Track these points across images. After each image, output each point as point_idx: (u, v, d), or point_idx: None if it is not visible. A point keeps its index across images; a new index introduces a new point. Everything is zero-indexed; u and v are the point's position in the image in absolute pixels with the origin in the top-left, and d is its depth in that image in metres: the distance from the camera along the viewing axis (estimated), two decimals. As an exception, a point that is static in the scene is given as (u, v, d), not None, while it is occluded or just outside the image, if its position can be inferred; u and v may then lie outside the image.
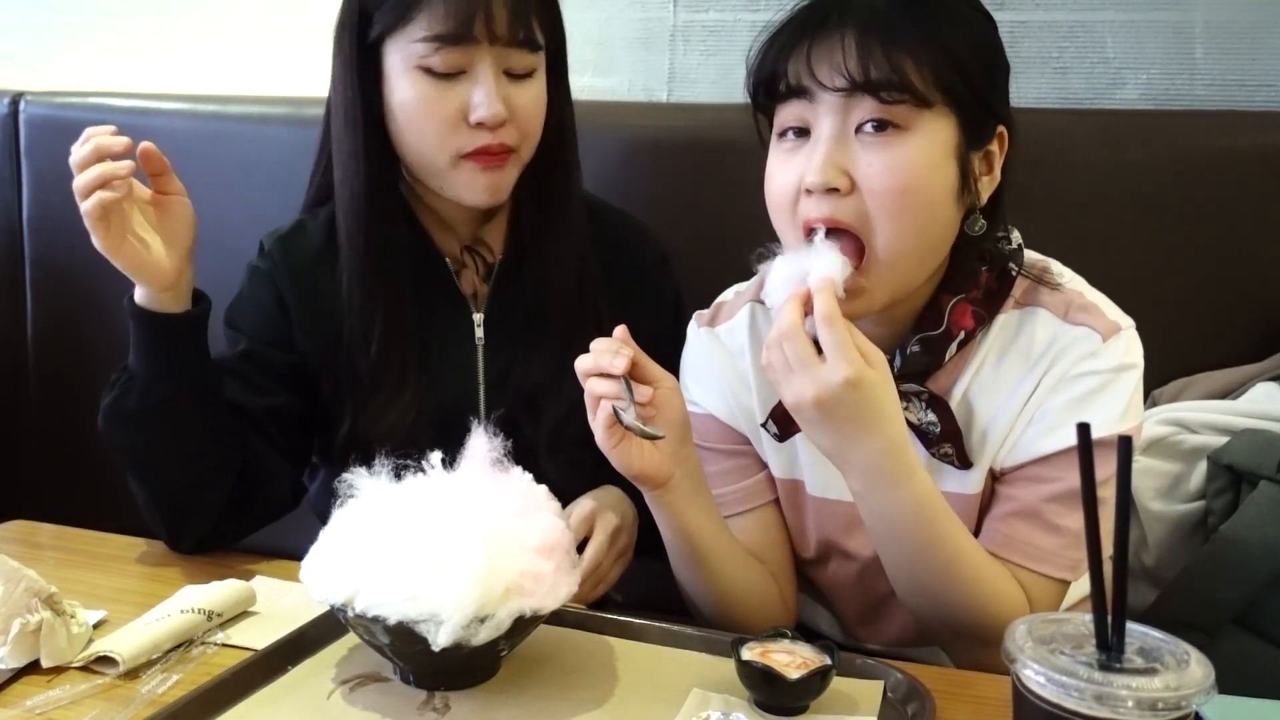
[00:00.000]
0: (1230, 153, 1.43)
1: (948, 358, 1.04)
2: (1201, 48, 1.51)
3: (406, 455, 0.94)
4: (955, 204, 0.99)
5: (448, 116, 1.14)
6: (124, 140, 1.07)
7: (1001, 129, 1.02)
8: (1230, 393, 1.37)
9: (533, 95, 1.17)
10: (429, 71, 1.13)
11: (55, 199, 1.85)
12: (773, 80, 1.00)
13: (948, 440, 1.03)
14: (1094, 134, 1.48)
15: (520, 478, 0.95)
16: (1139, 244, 1.43)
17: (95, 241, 1.07)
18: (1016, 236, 1.08)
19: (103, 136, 1.06)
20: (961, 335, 1.03)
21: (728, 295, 1.22)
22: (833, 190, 0.96)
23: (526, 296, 1.25)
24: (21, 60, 2.08)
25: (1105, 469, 0.97)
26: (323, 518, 1.30)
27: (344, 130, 1.19)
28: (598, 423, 0.99)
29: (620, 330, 1.00)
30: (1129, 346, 1.02)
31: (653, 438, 0.98)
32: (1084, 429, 0.70)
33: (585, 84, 1.74)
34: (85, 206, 1.05)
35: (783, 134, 1.01)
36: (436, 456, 0.94)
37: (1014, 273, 1.05)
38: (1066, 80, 1.55)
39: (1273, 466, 1.22)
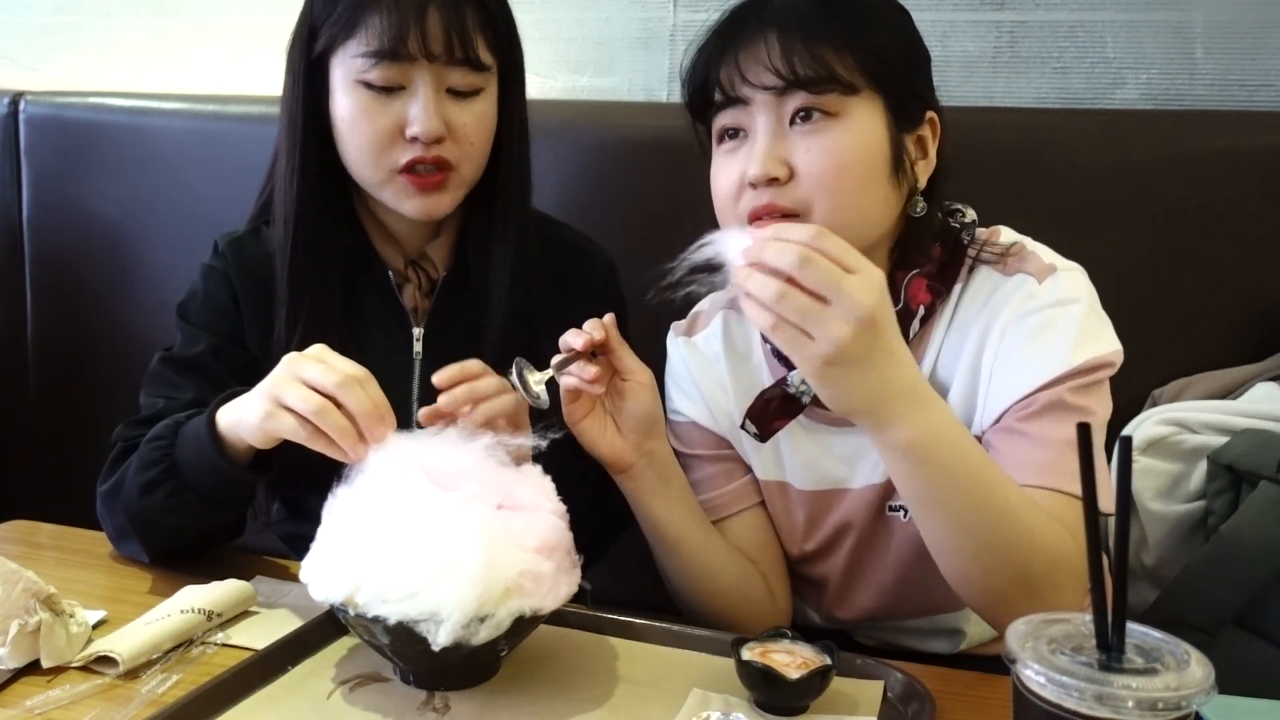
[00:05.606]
0: (1230, 153, 1.43)
1: (911, 335, 1.05)
2: (1201, 48, 1.51)
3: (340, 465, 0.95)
4: (890, 183, 1.03)
5: (385, 130, 1.14)
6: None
7: (931, 114, 1.07)
8: (1230, 393, 1.37)
9: (476, 114, 1.17)
10: (368, 85, 1.13)
11: (55, 199, 1.85)
12: (705, 88, 1.05)
13: None
14: (1094, 134, 1.48)
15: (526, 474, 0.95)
16: (1139, 244, 1.43)
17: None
18: (971, 214, 1.11)
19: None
20: (921, 311, 1.05)
21: (704, 305, 1.23)
22: (773, 181, 1.00)
23: (467, 315, 1.24)
24: (21, 60, 2.08)
25: (1087, 398, 0.99)
26: (287, 540, 1.30)
27: (286, 142, 1.21)
28: (563, 398, 1.05)
29: (609, 317, 1.04)
30: (1066, 283, 1.03)
31: (532, 400, 1.01)
32: (1083, 429, 0.70)
33: (585, 84, 1.74)
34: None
35: (721, 138, 1.06)
36: None
37: (966, 243, 1.08)
38: (1066, 80, 1.55)
39: (1273, 466, 1.22)
